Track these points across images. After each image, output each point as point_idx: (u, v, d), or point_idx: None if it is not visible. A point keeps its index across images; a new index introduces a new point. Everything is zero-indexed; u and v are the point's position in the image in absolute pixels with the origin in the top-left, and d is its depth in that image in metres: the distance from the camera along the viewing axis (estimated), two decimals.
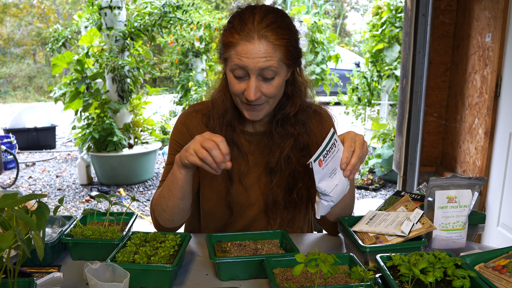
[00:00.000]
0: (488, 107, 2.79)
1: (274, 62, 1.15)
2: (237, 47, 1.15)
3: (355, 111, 6.30)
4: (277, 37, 1.15)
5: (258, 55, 1.13)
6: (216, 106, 1.33)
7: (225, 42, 1.18)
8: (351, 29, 20.82)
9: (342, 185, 1.10)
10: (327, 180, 1.08)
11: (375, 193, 4.89)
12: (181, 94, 8.01)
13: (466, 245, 1.14)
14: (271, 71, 1.16)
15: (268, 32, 1.14)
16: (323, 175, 1.07)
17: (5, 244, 0.77)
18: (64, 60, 5.05)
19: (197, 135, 1.11)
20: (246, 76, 1.17)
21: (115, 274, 0.95)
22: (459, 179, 1.16)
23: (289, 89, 1.31)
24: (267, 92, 1.19)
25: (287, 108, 1.31)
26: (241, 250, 1.15)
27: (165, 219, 1.28)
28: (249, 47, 1.13)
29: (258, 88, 1.17)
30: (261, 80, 1.18)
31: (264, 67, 1.14)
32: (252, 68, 1.14)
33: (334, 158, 1.08)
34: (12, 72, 17.03)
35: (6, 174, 5.96)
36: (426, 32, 3.33)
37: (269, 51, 1.14)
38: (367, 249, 1.05)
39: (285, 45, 1.16)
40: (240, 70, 1.16)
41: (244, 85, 1.18)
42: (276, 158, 1.31)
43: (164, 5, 5.07)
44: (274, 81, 1.19)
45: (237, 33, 1.15)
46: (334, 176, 1.09)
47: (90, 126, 5.06)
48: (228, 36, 1.17)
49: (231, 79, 1.21)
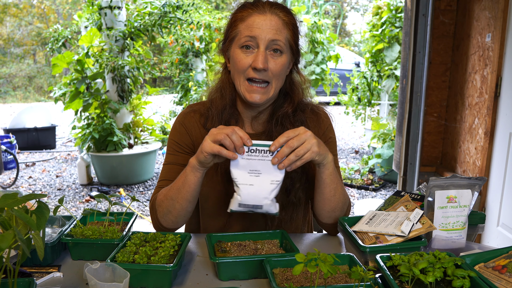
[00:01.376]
0: (488, 107, 2.79)
1: (283, 37, 1.22)
2: (248, 19, 1.21)
3: (355, 111, 6.31)
4: (287, 16, 1.24)
5: (269, 26, 1.20)
6: (215, 104, 1.33)
7: (235, 19, 1.24)
8: (351, 29, 20.84)
9: (257, 192, 1.11)
10: (243, 173, 1.11)
11: (375, 193, 4.89)
12: (181, 94, 8.01)
13: (466, 245, 1.14)
14: (279, 46, 1.22)
15: (278, 11, 1.23)
16: (241, 165, 1.11)
17: (5, 244, 0.77)
18: (64, 60, 5.05)
19: (212, 129, 1.13)
20: (255, 48, 1.21)
21: (115, 274, 0.95)
22: (459, 179, 1.16)
23: (288, 86, 1.33)
24: (273, 68, 1.22)
25: (285, 105, 1.33)
26: (241, 250, 1.14)
27: (170, 220, 1.28)
28: (261, 18, 1.20)
29: (266, 59, 1.21)
30: (269, 54, 1.22)
31: (274, 39, 1.20)
32: (263, 38, 1.20)
33: (263, 162, 1.11)
34: (12, 72, 17.04)
35: (6, 174, 5.96)
36: (426, 32, 3.33)
37: (279, 27, 1.21)
38: (367, 249, 1.05)
39: (292, 28, 1.25)
40: (250, 41, 1.21)
41: (252, 58, 1.22)
42: None
43: (164, 5, 5.07)
44: (281, 58, 1.23)
45: (250, 8, 1.23)
46: (254, 176, 1.11)
47: (90, 126, 5.06)
48: (239, 12, 1.24)
49: (238, 56, 1.23)
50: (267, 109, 1.35)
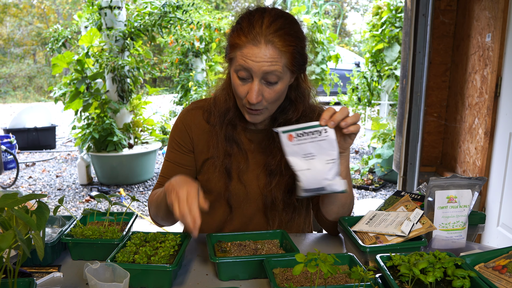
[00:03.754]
0: (488, 107, 2.79)
1: (279, 67, 1.15)
2: (243, 49, 1.15)
3: (355, 111, 6.31)
4: (284, 44, 1.14)
5: (263, 59, 1.13)
6: (218, 104, 1.34)
7: (232, 43, 1.18)
8: (351, 29, 20.83)
9: (316, 174, 1.11)
10: (299, 158, 1.11)
11: (375, 193, 4.89)
12: (181, 94, 8.01)
13: (466, 245, 1.14)
14: (275, 76, 1.16)
15: (275, 38, 1.13)
16: (294, 151, 1.11)
17: (5, 244, 0.77)
18: (64, 60, 5.05)
19: (173, 182, 1.10)
20: (249, 78, 1.17)
21: (115, 274, 0.95)
22: (459, 179, 1.16)
23: (293, 94, 1.31)
24: (268, 97, 1.19)
25: (289, 113, 1.31)
26: (241, 250, 1.14)
27: (160, 219, 1.36)
28: (255, 50, 1.13)
29: (260, 91, 1.17)
30: (264, 84, 1.17)
31: (268, 71, 1.14)
32: (256, 71, 1.14)
33: (314, 143, 1.10)
34: (12, 72, 17.04)
35: (6, 174, 5.96)
36: (426, 32, 3.33)
37: (275, 56, 1.13)
38: (367, 249, 1.05)
39: (291, 52, 1.16)
40: (244, 72, 1.16)
41: (247, 87, 1.18)
42: (277, 161, 1.31)
43: (164, 5, 5.07)
44: (277, 86, 1.19)
45: (245, 35, 1.15)
46: (308, 160, 1.11)
47: (90, 126, 5.06)
48: (235, 37, 1.17)
49: (234, 81, 1.21)
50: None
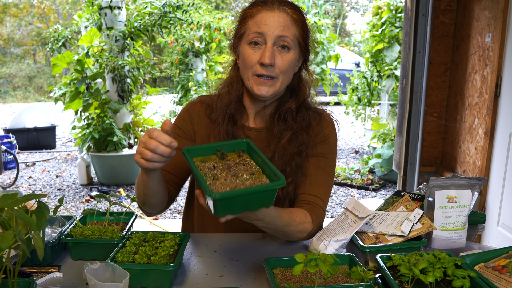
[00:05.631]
0: (488, 107, 2.79)
1: (291, 34, 1.23)
2: (257, 16, 1.24)
3: (355, 111, 6.31)
4: (296, 14, 1.26)
5: (277, 22, 1.22)
6: (221, 97, 1.36)
7: (244, 16, 1.27)
8: (351, 29, 20.84)
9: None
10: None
11: (375, 193, 4.89)
12: (181, 94, 8.01)
13: (466, 245, 1.14)
14: (287, 42, 1.23)
15: (288, 9, 1.25)
16: None
17: (5, 244, 0.77)
18: (64, 60, 5.05)
19: (141, 137, 1.07)
20: (263, 44, 1.23)
21: (115, 274, 0.94)
22: (459, 179, 1.16)
23: (295, 83, 1.35)
24: (280, 64, 1.24)
25: (289, 101, 1.34)
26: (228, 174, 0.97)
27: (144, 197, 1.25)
28: (269, 15, 1.22)
29: (273, 54, 1.23)
30: (276, 50, 1.24)
31: (281, 35, 1.22)
32: (270, 34, 1.21)
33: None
34: (12, 72, 17.04)
35: (6, 174, 5.95)
36: (426, 32, 3.33)
37: (287, 23, 1.23)
38: (367, 249, 1.05)
39: (301, 25, 1.27)
40: (258, 37, 1.23)
41: (259, 54, 1.23)
42: (273, 148, 1.31)
43: (164, 5, 5.07)
44: (289, 54, 1.25)
45: (260, 5, 1.25)
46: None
47: (90, 126, 5.05)
48: (248, 9, 1.27)
49: (246, 52, 1.25)
50: (272, 104, 1.36)
